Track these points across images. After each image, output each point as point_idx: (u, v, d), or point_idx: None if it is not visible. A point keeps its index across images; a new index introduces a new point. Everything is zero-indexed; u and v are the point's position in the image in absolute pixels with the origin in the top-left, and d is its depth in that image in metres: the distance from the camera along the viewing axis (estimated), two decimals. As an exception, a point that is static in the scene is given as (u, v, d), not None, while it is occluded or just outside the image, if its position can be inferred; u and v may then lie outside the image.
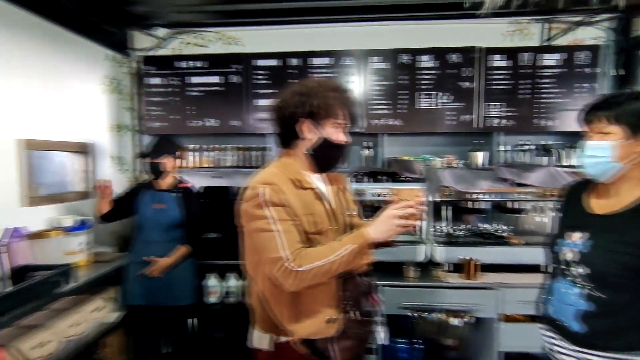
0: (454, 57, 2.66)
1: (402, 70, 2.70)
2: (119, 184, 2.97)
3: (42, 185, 2.37)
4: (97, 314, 2.26)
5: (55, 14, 2.33)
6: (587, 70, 2.61)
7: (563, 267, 1.19)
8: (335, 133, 1.25)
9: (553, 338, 1.22)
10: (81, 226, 2.38)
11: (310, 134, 1.25)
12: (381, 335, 1.26)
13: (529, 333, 2.11)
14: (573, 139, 2.78)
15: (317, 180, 1.31)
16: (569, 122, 2.64)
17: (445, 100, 2.68)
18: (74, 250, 2.35)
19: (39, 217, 2.28)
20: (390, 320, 2.28)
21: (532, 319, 2.17)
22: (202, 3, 2.62)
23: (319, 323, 1.19)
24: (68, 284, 2.02)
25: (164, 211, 2.29)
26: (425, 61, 2.68)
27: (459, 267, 2.25)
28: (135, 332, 2.43)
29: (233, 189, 2.97)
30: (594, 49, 2.63)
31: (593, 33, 2.78)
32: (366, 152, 2.85)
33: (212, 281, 2.71)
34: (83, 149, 2.64)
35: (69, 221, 2.35)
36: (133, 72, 3.03)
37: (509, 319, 2.18)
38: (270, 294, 1.22)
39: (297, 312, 1.20)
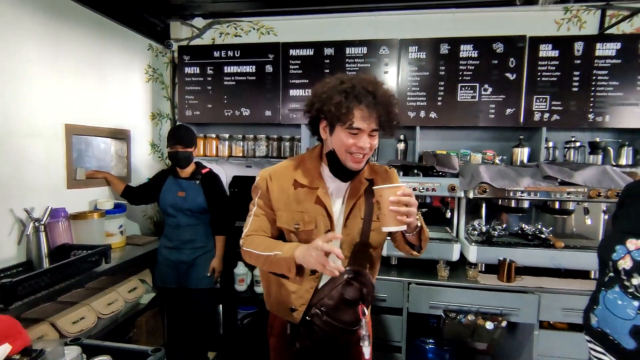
0: (499, 47, 2.50)
1: (441, 60, 2.58)
2: (155, 171, 3.06)
3: (84, 169, 2.48)
4: (131, 294, 2.35)
5: (100, 5, 2.41)
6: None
7: (622, 277, 1.07)
8: (348, 139, 1.15)
9: (603, 354, 1.11)
10: (118, 209, 2.47)
11: (325, 136, 1.24)
12: (365, 352, 1.19)
13: (569, 342, 1.99)
14: (628, 136, 2.56)
15: (332, 181, 1.28)
16: (625, 117, 2.43)
17: (487, 93, 2.54)
18: (112, 232, 2.46)
19: (84, 200, 2.39)
20: (419, 319, 2.22)
21: (572, 327, 2.04)
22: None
23: (282, 305, 1.28)
24: (106, 264, 2.11)
25: (188, 198, 2.34)
26: (467, 51, 2.54)
27: (494, 268, 2.14)
28: (166, 314, 2.51)
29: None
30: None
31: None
32: (401, 145, 2.75)
33: (240, 269, 2.74)
34: (123, 136, 2.74)
35: (108, 204, 2.45)
36: (170, 62, 3.11)
37: (547, 326, 2.05)
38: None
39: (269, 289, 1.35)
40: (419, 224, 1.19)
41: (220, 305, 2.81)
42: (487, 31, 2.57)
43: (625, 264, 1.05)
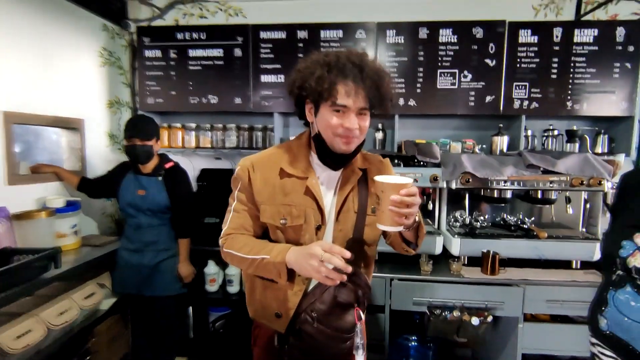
0: (478, 32, 2.42)
1: (420, 45, 2.46)
2: (115, 164, 2.81)
3: (31, 163, 2.21)
4: (88, 301, 2.12)
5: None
6: (629, 48, 2.35)
7: (634, 275, 0.98)
8: (332, 118, 1.02)
9: (614, 359, 1.02)
10: (71, 207, 2.22)
11: (311, 118, 1.11)
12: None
13: (553, 334, 1.96)
14: (602, 125, 2.55)
15: (322, 170, 1.15)
16: (602, 105, 2.41)
17: (467, 79, 2.45)
18: (65, 233, 2.21)
19: (29, 197, 2.13)
20: (401, 314, 2.13)
21: (554, 318, 2.01)
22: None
23: (267, 311, 1.16)
24: (55, 269, 1.88)
25: (148, 197, 2.10)
26: (447, 35, 2.44)
27: (477, 261, 2.07)
28: (128, 322, 2.30)
29: (234, 172, 2.79)
30: (635, 24, 2.37)
31: (632, 8, 2.53)
32: (379, 134, 2.64)
33: (211, 268, 2.56)
34: (75, 126, 2.47)
35: (59, 202, 2.19)
36: (128, 44, 2.83)
37: (530, 317, 2.01)
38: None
39: (253, 292, 1.20)
40: (417, 219, 1.07)
41: (190, 308, 2.62)
42: (465, 15, 2.48)
43: (637, 261, 0.96)
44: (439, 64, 2.47)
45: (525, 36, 2.41)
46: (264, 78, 2.58)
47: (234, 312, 2.61)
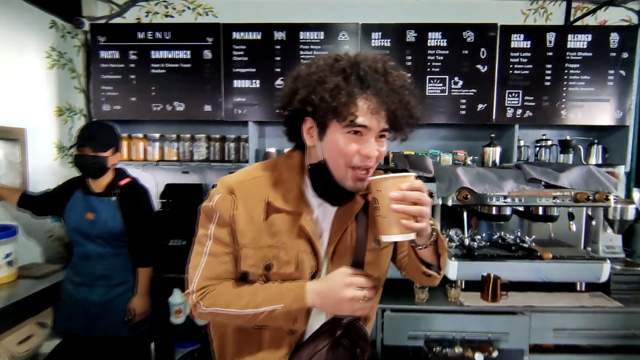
0: (469, 35, 2.26)
1: (407, 49, 2.28)
2: (65, 179, 2.46)
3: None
4: (23, 346, 1.77)
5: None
6: (624, 55, 2.25)
7: None
8: (349, 144, 0.78)
9: None
10: (4, 233, 1.87)
11: (312, 141, 0.85)
12: None
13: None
14: (594, 134, 2.44)
15: (316, 203, 0.90)
16: (596, 114, 2.29)
17: (458, 86, 2.28)
18: (-4, 264, 1.86)
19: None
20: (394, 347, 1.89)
21: (558, 348, 1.83)
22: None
23: None
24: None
25: (98, 221, 1.76)
26: (436, 39, 2.27)
27: (476, 285, 1.86)
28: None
29: (203, 187, 2.51)
30: (628, 31, 2.28)
31: (621, 14, 2.46)
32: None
33: (177, 297, 2.24)
34: (14, 136, 2.12)
35: (-11, 227, 1.85)
36: (82, 45, 2.51)
37: (532, 347, 1.80)
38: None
39: (224, 348, 0.95)
40: (434, 231, 0.84)
41: (152, 344, 2.28)
42: (454, 19, 2.32)
43: None
44: (428, 69, 2.29)
45: (517, 41, 2.28)
46: (237, 83, 2.32)
47: (203, 348, 2.30)
